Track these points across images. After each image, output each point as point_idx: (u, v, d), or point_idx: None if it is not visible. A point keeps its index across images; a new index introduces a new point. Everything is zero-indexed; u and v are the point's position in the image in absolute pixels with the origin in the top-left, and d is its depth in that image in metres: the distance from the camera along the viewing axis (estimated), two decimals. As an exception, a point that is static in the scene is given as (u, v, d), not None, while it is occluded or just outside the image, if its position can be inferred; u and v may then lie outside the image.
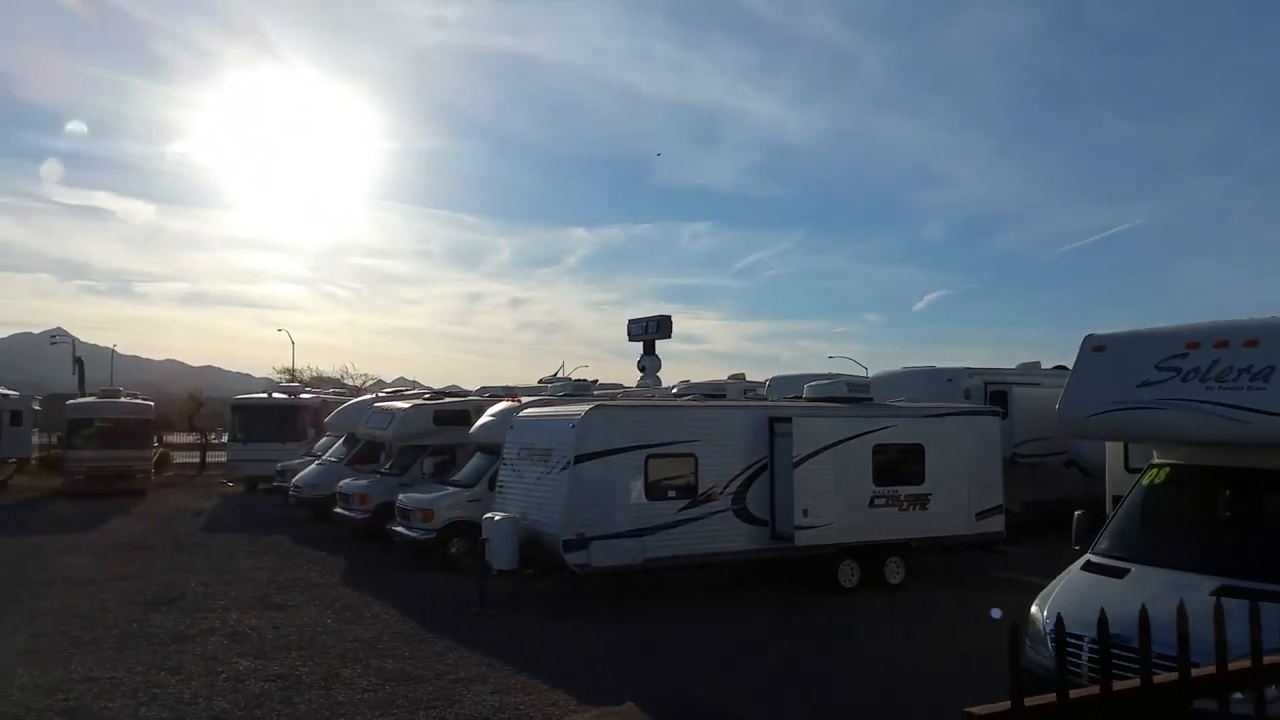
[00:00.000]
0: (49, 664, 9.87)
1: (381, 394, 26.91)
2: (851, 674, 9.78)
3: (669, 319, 31.84)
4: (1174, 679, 2.48)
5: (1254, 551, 7.23)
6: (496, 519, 13.04)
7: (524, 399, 17.40)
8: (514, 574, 13.06)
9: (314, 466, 23.23)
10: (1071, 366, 8.86)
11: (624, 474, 12.69)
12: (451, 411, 19.74)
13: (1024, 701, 2.33)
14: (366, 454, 21.75)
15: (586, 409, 13.02)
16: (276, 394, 33.94)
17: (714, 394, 18.23)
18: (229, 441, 32.43)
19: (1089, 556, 7.86)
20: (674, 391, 22.55)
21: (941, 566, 15.19)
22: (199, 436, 40.34)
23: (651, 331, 31.70)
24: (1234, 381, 7.28)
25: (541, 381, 25.21)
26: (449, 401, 20.72)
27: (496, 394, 20.61)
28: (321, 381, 47.11)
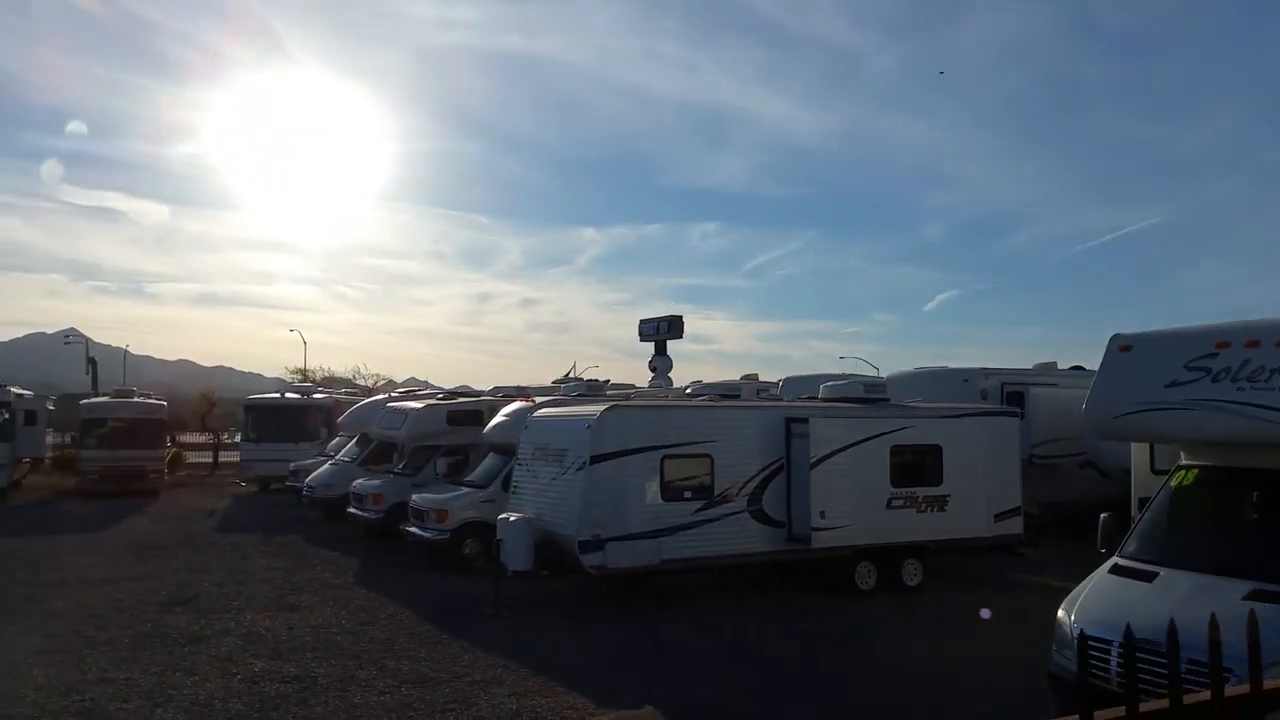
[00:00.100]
0: (64, 664, 9.84)
1: (394, 394, 26.88)
2: (869, 677, 9.68)
3: (680, 319, 31.68)
4: (1246, 690, 2.37)
5: (1286, 555, 7.09)
6: (511, 520, 12.97)
7: (537, 399, 17.32)
8: (529, 575, 12.99)
9: (327, 466, 23.22)
10: (1094, 367, 8.72)
11: (640, 475, 12.60)
12: (465, 412, 19.67)
13: (1093, 715, 2.22)
14: (379, 454, 21.73)
15: (602, 409, 12.93)
16: (289, 394, 33.95)
17: (728, 394, 18.13)
18: (242, 441, 32.43)
19: (1116, 559, 7.72)
20: (688, 391, 22.45)
21: (959, 568, 15.04)
22: (211, 436, 40.39)
23: (663, 331, 31.55)
24: (1266, 382, 7.13)
25: (555, 382, 25.13)
26: (462, 402, 20.65)
27: (509, 394, 20.55)
28: (333, 382, 47.19)
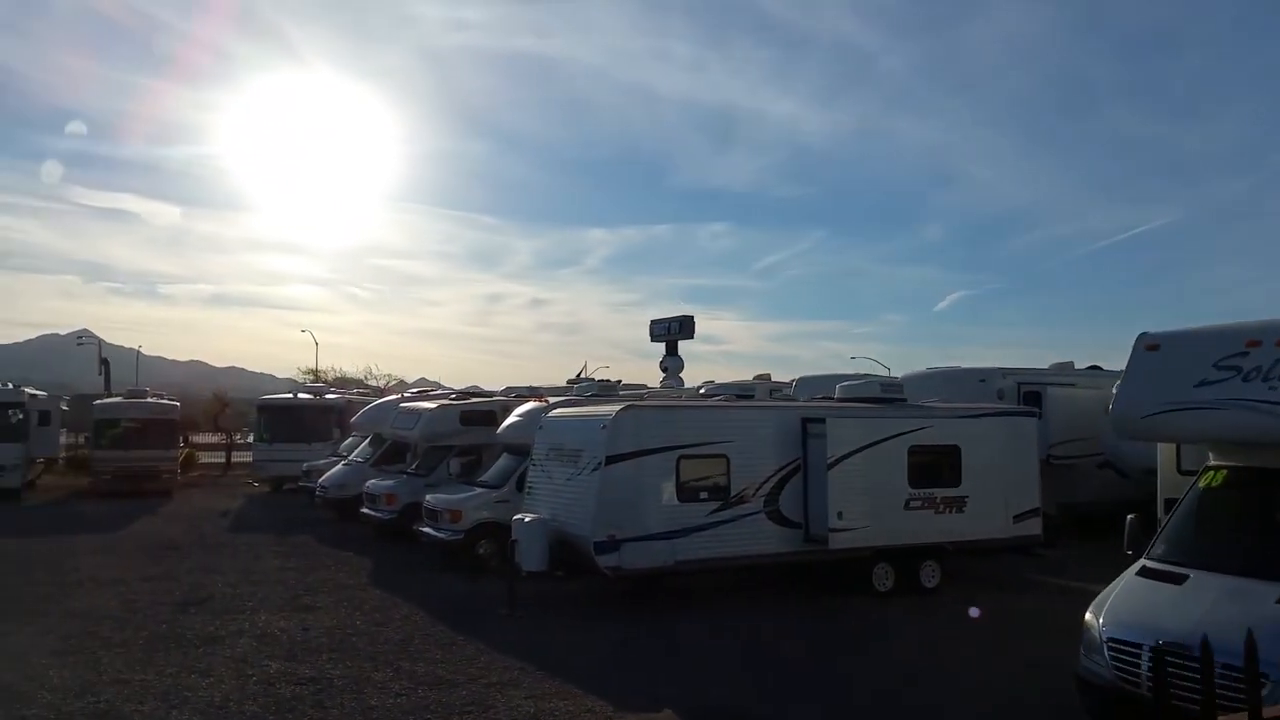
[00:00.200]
0: (79, 666, 9.80)
1: (406, 394, 26.84)
2: (887, 680, 9.56)
3: (691, 319, 31.55)
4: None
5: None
6: (526, 520, 12.88)
7: (550, 399, 17.25)
8: (543, 575, 12.91)
9: (340, 467, 23.18)
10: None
11: (655, 475, 12.50)
12: (478, 412, 19.62)
13: None
14: (392, 454, 21.68)
15: (617, 409, 12.84)
16: (302, 394, 33.98)
17: (743, 395, 18.02)
18: (255, 441, 32.45)
19: (1144, 562, 7.60)
20: (701, 392, 22.35)
21: (978, 570, 14.90)
22: (224, 437, 40.49)
23: (674, 332, 31.43)
24: (1299, 381, 7.01)
25: (569, 383, 25.06)
26: (475, 402, 20.60)
27: (522, 395, 20.48)
28: (345, 382, 47.26)
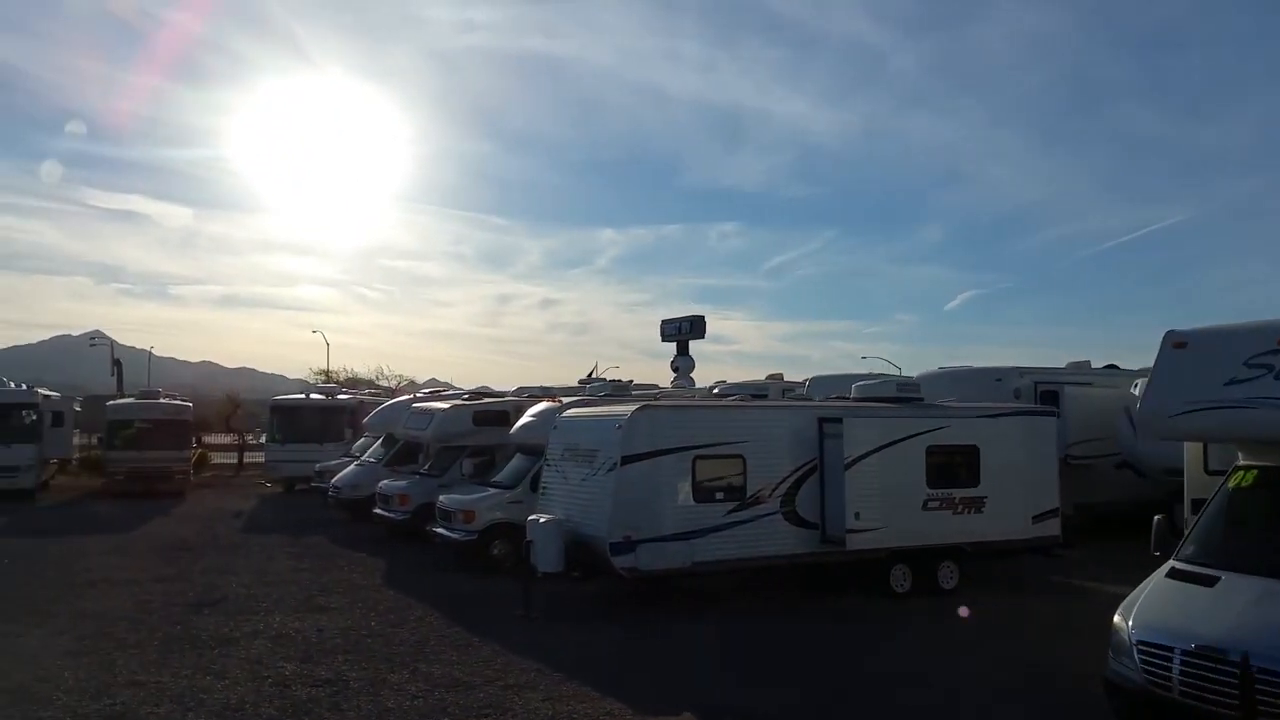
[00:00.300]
0: (94, 667, 9.76)
1: (419, 395, 26.81)
2: (907, 682, 9.45)
3: (702, 319, 31.51)
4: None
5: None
6: (542, 521, 12.79)
7: (563, 399, 17.16)
8: (558, 577, 12.82)
9: (353, 467, 23.13)
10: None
11: (671, 476, 12.41)
12: (491, 412, 19.55)
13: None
14: (405, 455, 21.63)
15: (633, 409, 12.74)
16: (314, 395, 33.98)
17: (758, 394, 17.92)
18: (267, 442, 32.45)
19: (1173, 563, 7.47)
20: (715, 391, 22.25)
21: (996, 571, 14.75)
22: (236, 437, 40.54)
23: (685, 332, 31.41)
24: (1332, 379, 6.89)
25: (580, 382, 24.99)
26: (488, 402, 20.54)
27: (534, 395, 20.41)
28: (356, 383, 47.28)
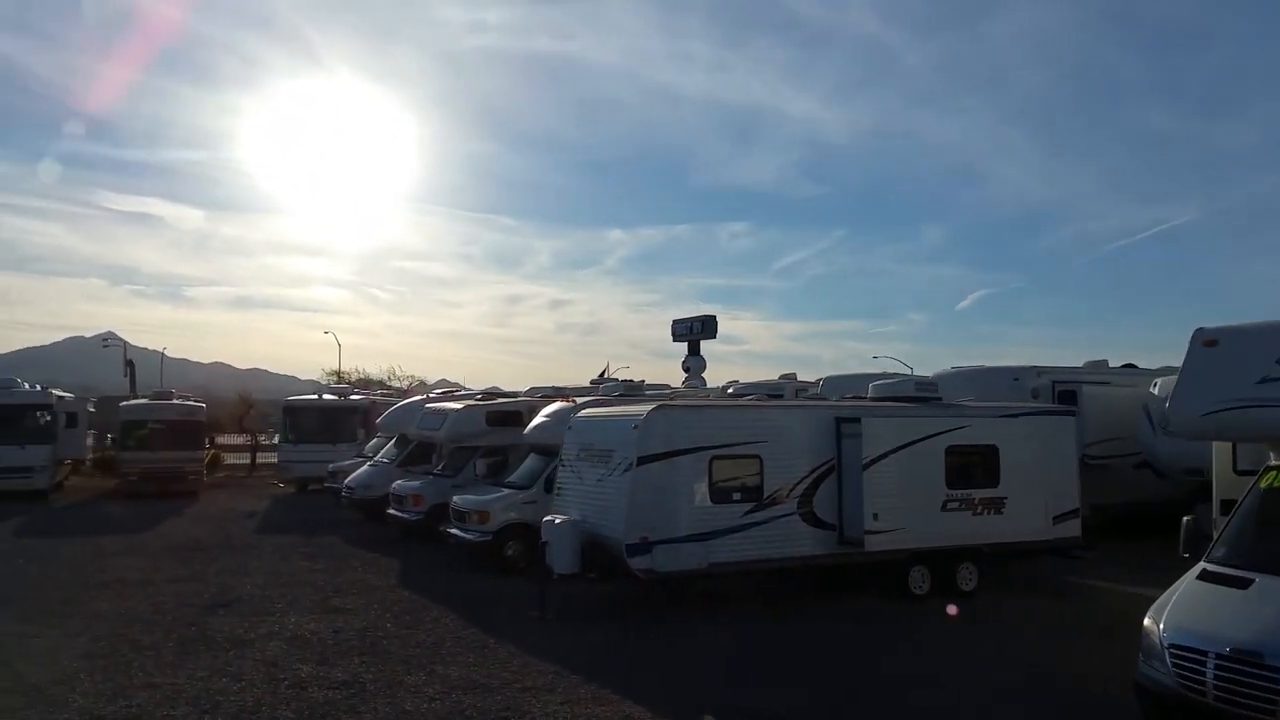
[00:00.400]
0: (110, 669, 9.71)
1: (432, 395, 26.77)
2: (927, 685, 9.33)
3: (714, 319, 31.44)
4: None
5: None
6: (557, 522, 12.70)
7: (577, 399, 17.07)
8: (573, 578, 12.73)
9: (366, 468, 23.11)
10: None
11: (688, 476, 12.29)
12: (504, 412, 19.47)
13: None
14: (418, 455, 21.58)
15: (649, 409, 12.64)
16: (327, 395, 33.99)
17: (773, 394, 17.80)
18: (280, 442, 32.50)
19: (1204, 565, 7.33)
20: (729, 391, 22.14)
21: (1015, 572, 14.59)
22: (249, 438, 40.60)
23: (697, 332, 31.33)
24: (1369, 377, 6.74)
25: (593, 382, 24.90)
26: (502, 402, 20.48)
27: (547, 395, 20.33)
28: (368, 383, 47.35)
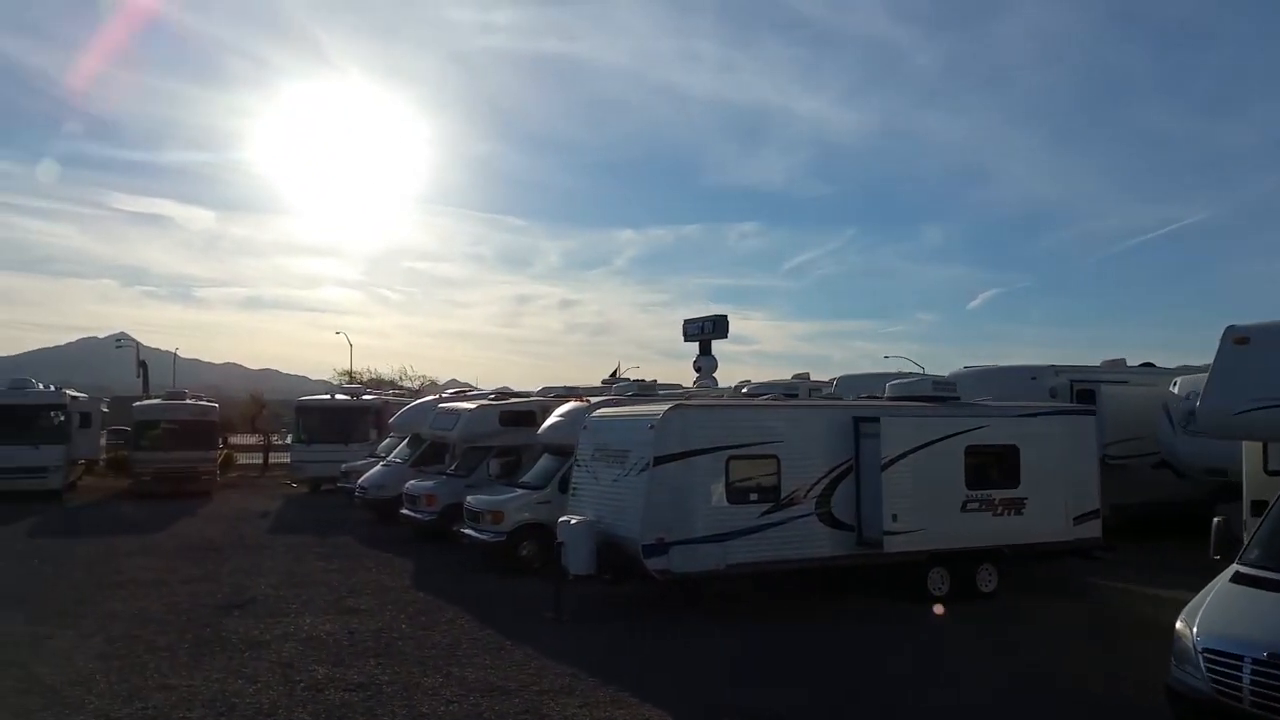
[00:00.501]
0: (125, 670, 9.65)
1: (444, 395, 26.72)
2: (947, 688, 9.20)
3: (725, 319, 31.14)
4: None
5: None
6: (573, 523, 12.60)
7: (590, 399, 16.97)
8: (589, 579, 12.62)
9: (379, 468, 23.07)
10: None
11: (704, 476, 12.16)
12: (517, 412, 19.40)
13: None
14: (431, 455, 21.52)
15: (665, 409, 12.52)
16: (340, 395, 33.97)
17: (789, 393, 17.66)
18: (293, 442, 32.48)
19: (1237, 567, 7.18)
20: (744, 391, 22.01)
21: (1036, 574, 14.43)
22: (261, 438, 40.62)
23: (708, 331, 31.06)
24: None
25: (604, 382, 24.81)
26: (515, 402, 20.40)
27: (560, 395, 20.24)
28: (380, 383, 47.35)
